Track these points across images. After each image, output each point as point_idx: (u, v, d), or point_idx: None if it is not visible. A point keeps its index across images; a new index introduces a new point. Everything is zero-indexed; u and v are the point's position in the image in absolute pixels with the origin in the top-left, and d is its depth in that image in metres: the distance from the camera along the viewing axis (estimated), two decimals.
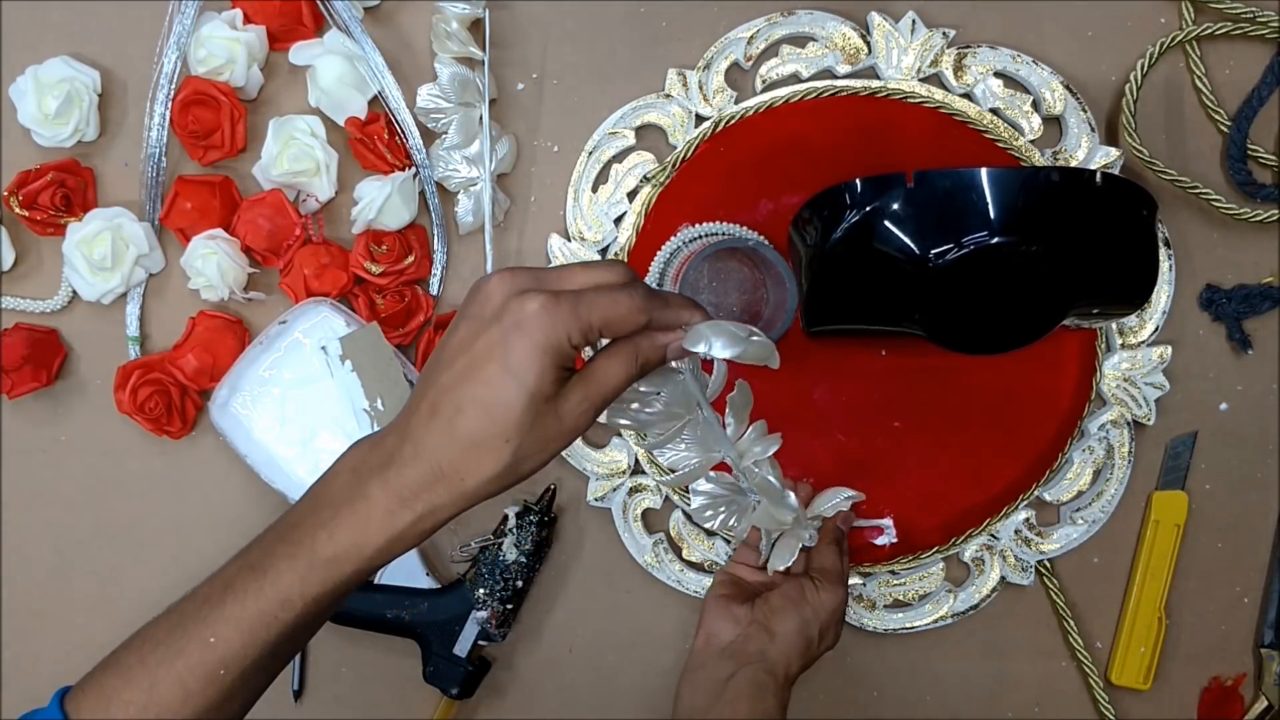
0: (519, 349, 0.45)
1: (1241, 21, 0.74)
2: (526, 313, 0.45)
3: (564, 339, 0.45)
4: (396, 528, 0.47)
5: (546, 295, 0.45)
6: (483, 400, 0.45)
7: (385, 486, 0.47)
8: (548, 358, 0.45)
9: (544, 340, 0.45)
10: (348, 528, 0.47)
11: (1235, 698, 0.80)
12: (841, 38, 0.73)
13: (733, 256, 0.72)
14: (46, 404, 0.74)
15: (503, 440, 0.46)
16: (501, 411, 0.45)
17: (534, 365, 0.45)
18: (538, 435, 0.46)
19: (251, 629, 0.47)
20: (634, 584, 0.77)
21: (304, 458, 0.71)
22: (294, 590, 0.47)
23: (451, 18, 0.69)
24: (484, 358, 0.45)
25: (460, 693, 0.73)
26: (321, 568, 0.47)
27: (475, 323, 0.46)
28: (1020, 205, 0.63)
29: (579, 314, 0.45)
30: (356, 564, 0.47)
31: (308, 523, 0.48)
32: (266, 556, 0.48)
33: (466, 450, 0.46)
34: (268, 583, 0.47)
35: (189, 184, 0.71)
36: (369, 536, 0.47)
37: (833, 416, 0.75)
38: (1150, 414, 0.76)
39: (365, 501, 0.47)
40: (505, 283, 0.46)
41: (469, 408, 0.46)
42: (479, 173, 0.72)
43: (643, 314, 0.47)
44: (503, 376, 0.45)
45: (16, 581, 0.75)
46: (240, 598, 0.48)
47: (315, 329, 0.70)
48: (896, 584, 0.77)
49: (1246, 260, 0.78)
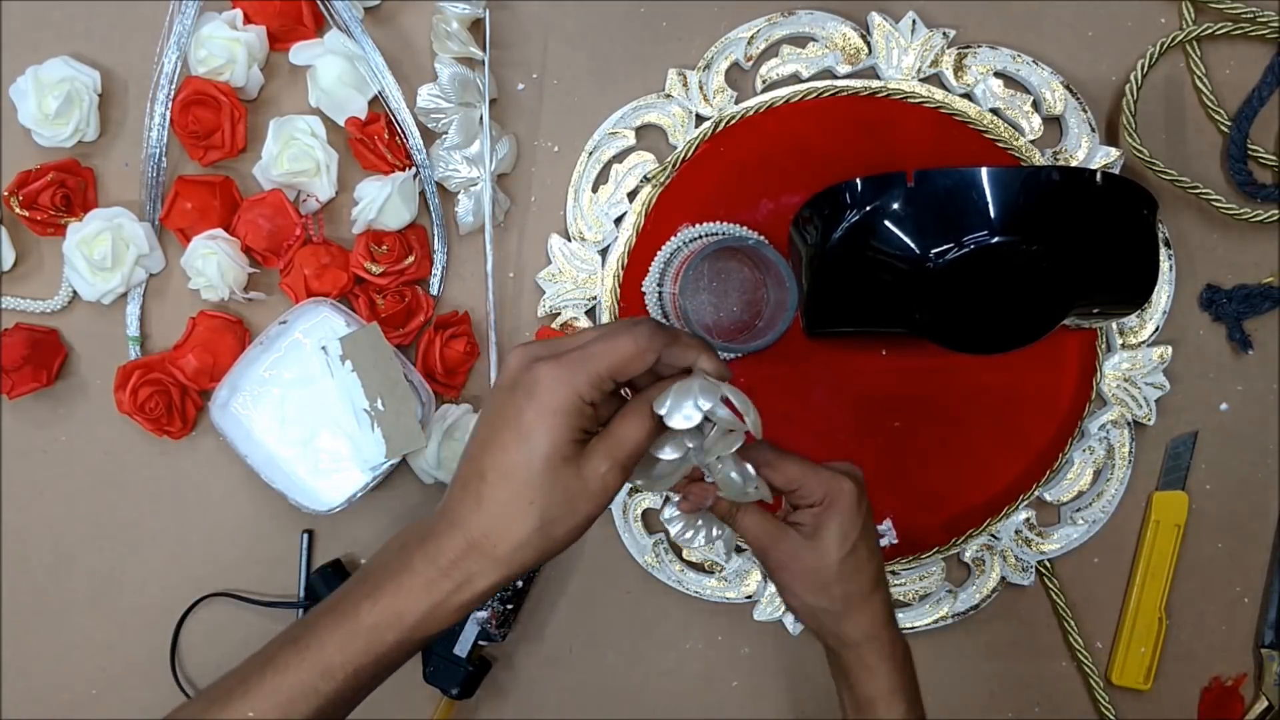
0: (530, 413, 0.47)
1: (1241, 21, 0.74)
2: (535, 378, 0.47)
3: (575, 397, 0.47)
4: (435, 597, 0.48)
5: (553, 359, 0.48)
6: (501, 466, 0.48)
7: (425, 558, 0.49)
8: (559, 418, 0.47)
9: (552, 402, 0.47)
10: (389, 596, 0.48)
11: (1235, 698, 0.80)
12: (841, 38, 0.73)
13: (733, 256, 0.72)
14: (46, 404, 0.74)
15: (526, 503, 0.47)
16: (520, 475, 0.47)
17: (545, 427, 0.47)
18: (561, 497, 0.48)
19: (291, 700, 0.48)
20: (634, 584, 0.77)
21: (304, 458, 0.71)
22: (335, 660, 0.48)
23: (452, 18, 0.69)
24: (501, 426, 0.48)
25: (460, 693, 0.73)
26: (363, 635, 0.48)
27: (497, 395, 0.49)
28: (1021, 205, 0.63)
29: (585, 368, 0.47)
30: (398, 633, 0.48)
31: (353, 595, 0.49)
32: (309, 630, 0.49)
33: (494, 517, 0.48)
34: (310, 654, 0.48)
35: (189, 184, 0.71)
36: (409, 604, 0.48)
37: (833, 416, 0.75)
38: (1150, 414, 0.76)
39: (408, 573, 0.49)
40: (521, 354, 0.49)
41: (491, 475, 0.48)
42: (479, 173, 0.72)
43: (649, 352, 0.49)
44: (516, 442, 0.47)
45: (16, 581, 0.75)
46: (281, 670, 0.49)
47: (315, 329, 0.70)
48: (896, 584, 0.77)
49: (1246, 260, 0.78)
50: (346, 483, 0.71)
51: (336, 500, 0.71)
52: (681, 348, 0.50)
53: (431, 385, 0.72)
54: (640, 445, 0.50)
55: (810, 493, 0.56)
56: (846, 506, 0.55)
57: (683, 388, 0.49)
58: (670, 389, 0.49)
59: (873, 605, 0.57)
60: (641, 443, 0.50)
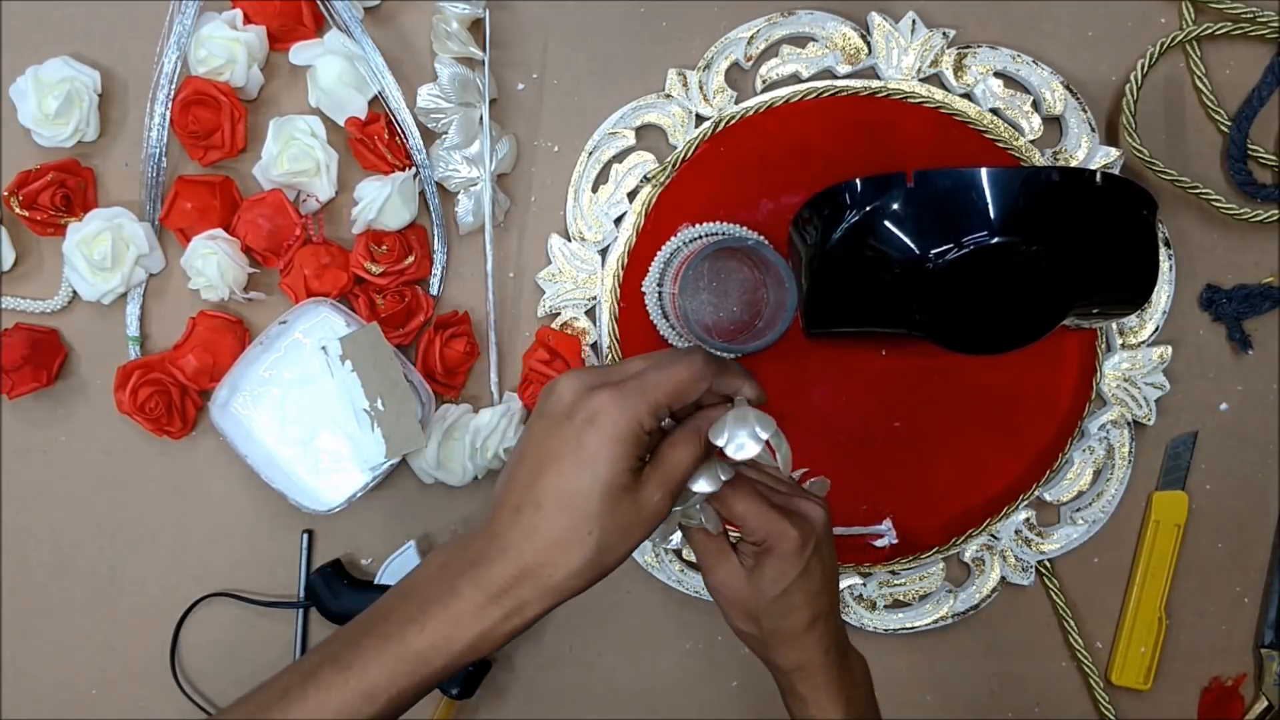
0: (592, 442, 0.47)
1: (1241, 21, 0.74)
2: (596, 407, 0.47)
3: (636, 425, 0.48)
4: (485, 624, 0.48)
5: (613, 388, 0.48)
6: (561, 494, 0.47)
7: (475, 584, 0.48)
8: (620, 447, 0.47)
9: (614, 431, 0.47)
10: (438, 622, 0.48)
11: (1235, 698, 0.80)
12: (841, 38, 0.73)
13: (733, 256, 0.72)
14: (46, 404, 0.74)
15: (586, 532, 0.47)
16: (580, 504, 0.47)
17: (607, 455, 0.47)
18: (618, 525, 0.48)
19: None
20: (634, 584, 0.77)
21: (304, 458, 0.71)
22: (380, 683, 0.48)
23: (452, 18, 0.69)
24: (559, 454, 0.48)
25: (460, 693, 0.73)
26: (410, 660, 0.48)
27: (549, 421, 0.49)
28: (1020, 205, 0.63)
29: (645, 397, 0.48)
30: (445, 659, 0.48)
31: (395, 617, 0.49)
32: (351, 650, 0.49)
33: (551, 545, 0.48)
34: (353, 676, 0.48)
35: (189, 184, 0.71)
36: (459, 631, 0.48)
37: (833, 416, 0.75)
38: (1150, 414, 0.76)
39: (456, 598, 0.48)
40: (575, 381, 0.49)
41: (548, 503, 0.48)
42: (479, 173, 0.72)
43: (704, 380, 0.50)
44: (578, 469, 0.47)
45: (16, 581, 0.75)
46: (324, 690, 0.48)
47: (315, 329, 0.70)
48: (896, 584, 0.77)
49: (1246, 260, 0.78)
50: (346, 483, 0.71)
51: (336, 500, 0.71)
52: (730, 376, 0.51)
53: (431, 385, 0.72)
54: (688, 472, 0.50)
55: (752, 532, 0.55)
56: (784, 552, 0.54)
57: (739, 417, 0.50)
58: (725, 419, 0.50)
59: (805, 642, 0.56)
60: (689, 470, 0.50)
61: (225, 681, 0.76)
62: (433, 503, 0.75)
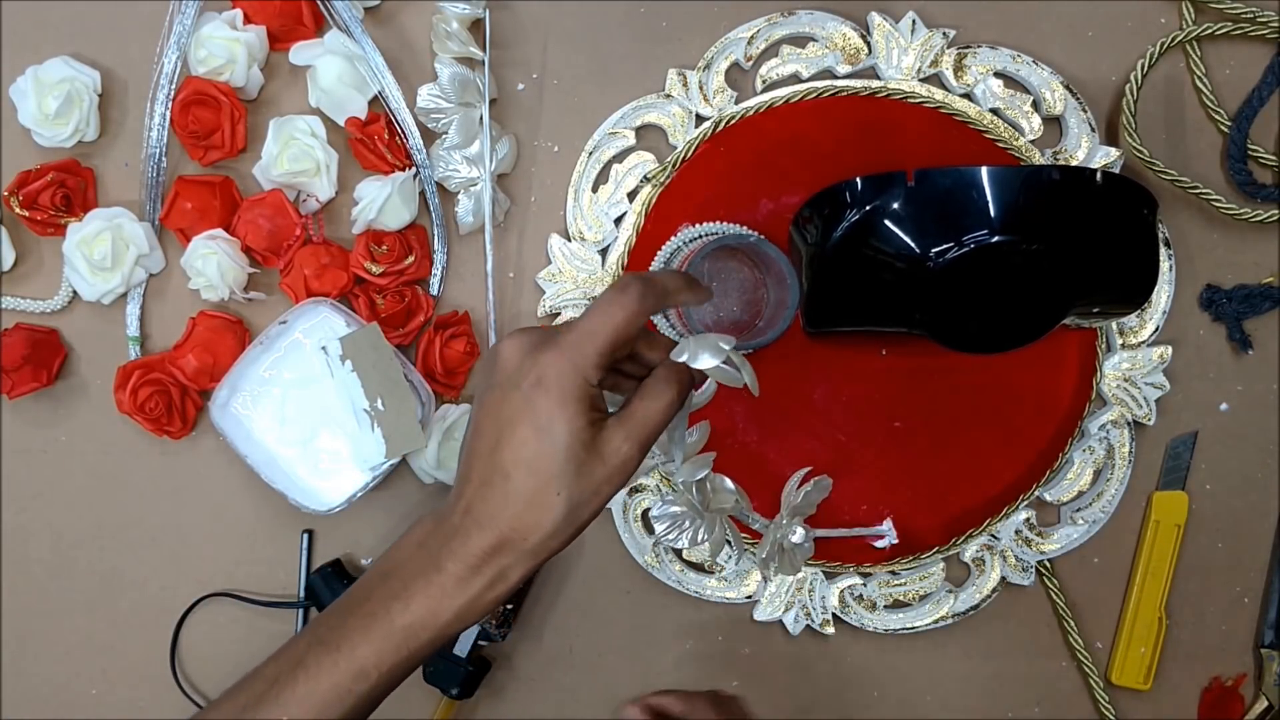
0: (543, 405, 0.47)
1: (1241, 21, 0.74)
2: (540, 369, 0.47)
3: (582, 382, 0.47)
4: (469, 594, 0.49)
5: (554, 346, 0.48)
6: (525, 461, 0.48)
7: (454, 557, 0.49)
8: (572, 406, 0.47)
9: (561, 391, 0.47)
10: (423, 597, 0.48)
11: (1235, 698, 0.80)
12: (841, 38, 0.73)
13: (733, 256, 0.72)
14: (46, 404, 0.74)
15: (554, 494, 0.48)
16: (545, 466, 0.47)
17: (561, 417, 0.47)
18: (585, 482, 0.48)
19: (325, 704, 0.48)
20: (634, 584, 0.77)
21: (304, 458, 0.71)
22: (369, 661, 0.48)
23: (452, 18, 0.70)
24: (515, 421, 0.48)
25: (460, 693, 0.73)
26: (398, 636, 0.48)
27: (498, 390, 0.49)
28: (1021, 204, 0.63)
29: (586, 349, 0.48)
30: (432, 632, 0.49)
31: (378, 595, 0.49)
32: (337, 632, 0.49)
33: (522, 511, 0.48)
34: (342, 657, 0.48)
35: (189, 184, 0.71)
36: (444, 604, 0.48)
37: (833, 416, 0.75)
38: (1150, 414, 0.76)
39: (438, 573, 0.49)
40: (516, 344, 0.49)
41: (514, 471, 0.48)
42: (479, 173, 0.72)
43: (640, 314, 0.49)
44: (536, 435, 0.47)
45: (16, 581, 0.75)
46: (314, 674, 0.48)
47: (315, 329, 0.70)
48: (896, 584, 0.77)
49: (1247, 260, 0.78)
50: (346, 483, 0.71)
51: (336, 500, 0.71)
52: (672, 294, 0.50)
53: (431, 385, 0.72)
54: (661, 424, 0.50)
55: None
56: None
57: (700, 338, 0.50)
58: (685, 341, 0.50)
59: None
60: (662, 420, 0.50)
61: (225, 682, 0.75)
62: (433, 503, 0.75)
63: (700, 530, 0.60)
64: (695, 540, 0.61)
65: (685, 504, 0.61)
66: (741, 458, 0.74)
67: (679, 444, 0.56)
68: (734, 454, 0.74)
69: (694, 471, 0.57)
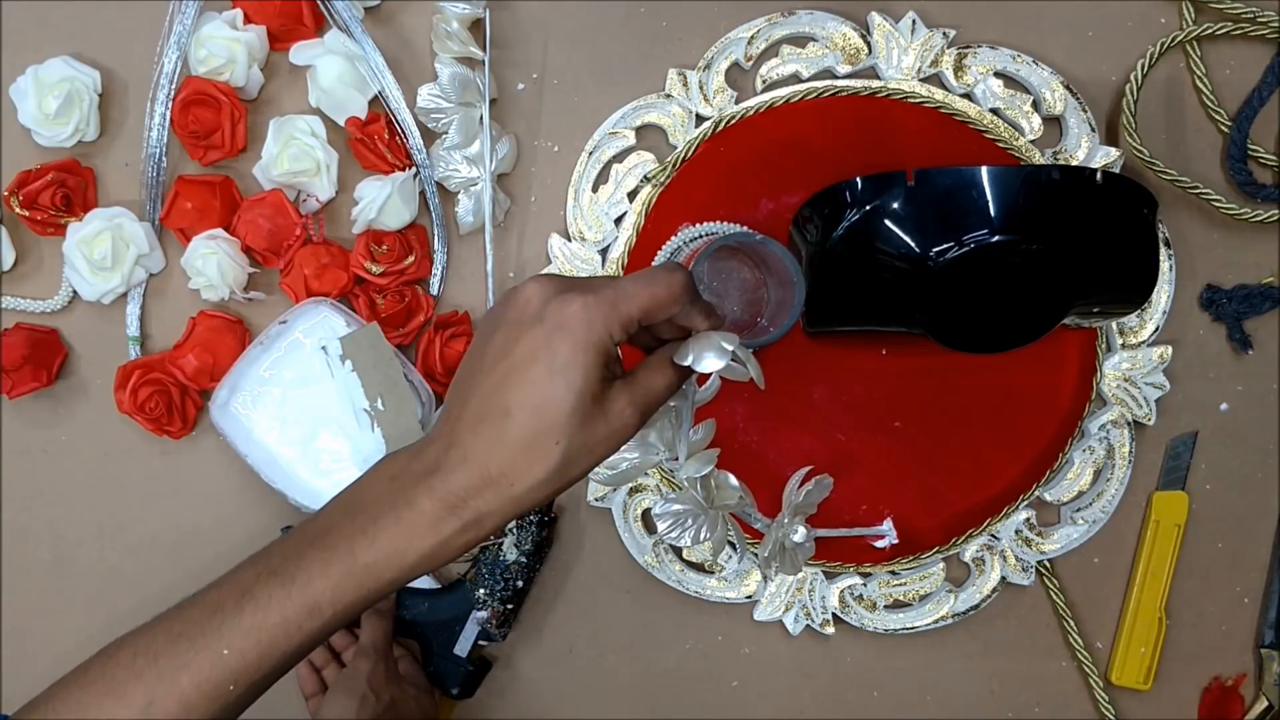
0: (564, 349, 0.44)
1: (1241, 21, 0.74)
2: (568, 313, 0.45)
3: (606, 336, 0.45)
4: (441, 536, 0.46)
5: (586, 293, 0.45)
6: (531, 402, 0.45)
7: (431, 493, 0.46)
8: (592, 356, 0.45)
9: (587, 339, 0.45)
10: (391, 534, 0.46)
11: (1235, 698, 0.80)
12: (842, 38, 0.73)
13: (733, 256, 0.72)
14: (46, 404, 0.74)
15: (552, 442, 0.45)
16: (551, 412, 0.45)
17: (580, 364, 0.44)
18: (585, 437, 0.46)
19: (273, 639, 0.46)
20: (634, 584, 0.77)
21: (304, 458, 0.71)
22: (325, 597, 0.46)
23: (452, 18, 0.70)
24: (528, 360, 0.45)
25: (460, 693, 0.73)
26: (359, 574, 0.46)
27: (515, 327, 0.46)
28: (1021, 203, 0.63)
29: (619, 308, 0.45)
30: (396, 571, 0.46)
31: (342, 529, 0.47)
32: (292, 562, 0.46)
33: (516, 453, 0.45)
34: (295, 589, 0.46)
35: (189, 184, 0.71)
36: (413, 543, 0.46)
37: (833, 416, 0.75)
38: (1150, 414, 0.76)
39: (410, 509, 0.46)
40: (544, 286, 0.46)
41: (517, 411, 0.45)
42: (479, 173, 0.72)
43: (679, 303, 0.47)
44: (550, 377, 0.44)
45: (16, 581, 0.75)
46: (263, 605, 0.46)
47: (315, 329, 0.70)
48: (897, 584, 0.77)
49: (1247, 260, 0.78)
50: (346, 483, 0.71)
51: None
52: (699, 313, 0.49)
53: (431, 385, 0.72)
54: (662, 397, 0.48)
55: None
56: None
57: (701, 339, 0.49)
58: (689, 342, 0.49)
59: None
60: (662, 394, 0.48)
61: None
62: None
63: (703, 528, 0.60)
64: (698, 538, 0.61)
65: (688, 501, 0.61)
66: (742, 457, 0.74)
67: (684, 440, 0.56)
68: (735, 453, 0.74)
69: (698, 467, 0.57)
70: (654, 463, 0.57)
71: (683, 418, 0.55)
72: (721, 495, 0.59)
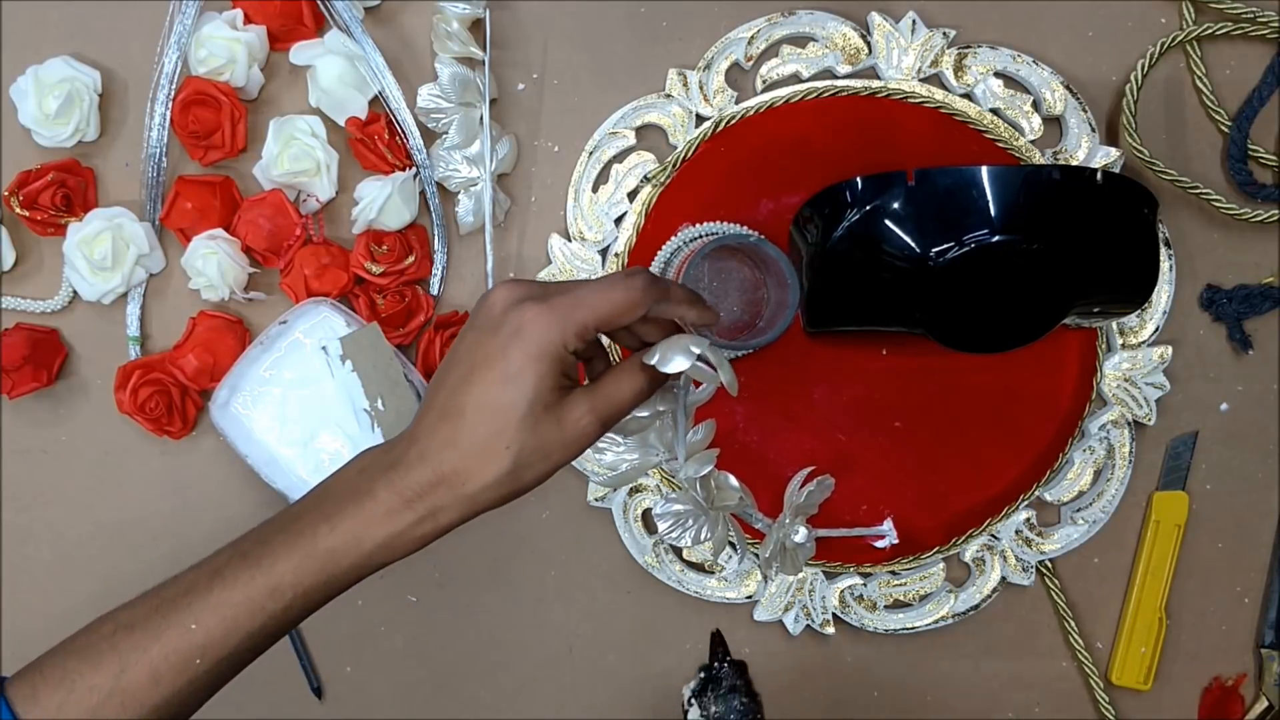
0: (516, 356, 0.47)
1: (1242, 21, 0.74)
2: (523, 321, 0.47)
3: (560, 345, 0.47)
4: (397, 526, 0.48)
5: (542, 303, 0.47)
6: (484, 406, 0.47)
7: (390, 486, 0.48)
8: (544, 364, 0.47)
9: (539, 348, 0.47)
10: (350, 522, 0.48)
11: (1236, 698, 0.80)
12: (842, 38, 0.73)
13: (733, 256, 0.72)
14: (47, 404, 0.74)
15: (503, 446, 0.47)
16: (502, 417, 0.47)
17: (531, 372, 0.47)
18: (538, 443, 0.48)
19: (236, 617, 0.48)
20: (634, 584, 0.77)
21: (304, 458, 0.71)
22: (287, 579, 0.48)
23: (452, 18, 0.70)
24: (485, 365, 0.48)
25: None
26: (319, 558, 0.48)
27: (479, 332, 0.49)
28: (1021, 203, 0.63)
29: (573, 316, 0.47)
30: (354, 558, 0.48)
31: (309, 516, 0.49)
32: (261, 545, 0.49)
33: (468, 454, 0.48)
34: (260, 571, 0.48)
35: (189, 184, 0.71)
36: (370, 531, 0.48)
37: (833, 416, 0.75)
38: (1151, 414, 0.76)
39: (370, 499, 0.48)
40: (508, 293, 0.49)
41: (471, 413, 0.48)
42: (479, 173, 0.72)
43: (640, 307, 0.49)
44: (502, 384, 0.47)
45: (16, 581, 0.75)
46: (229, 585, 0.48)
47: (315, 329, 0.70)
48: (897, 584, 0.77)
49: (1247, 260, 0.78)
50: None
51: None
52: (673, 303, 0.50)
53: None
54: (626, 405, 0.50)
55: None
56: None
57: (670, 340, 0.50)
58: (659, 344, 0.50)
59: None
60: (628, 403, 0.50)
61: None
62: None
63: (703, 528, 0.60)
64: (698, 538, 0.61)
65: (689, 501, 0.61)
66: (742, 458, 0.74)
67: (681, 441, 0.56)
68: (735, 454, 0.74)
69: (697, 468, 0.57)
70: (653, 463, 0.57)
71: (679, 419, 0.55)
72: (722, 496, 0.59)
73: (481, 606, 0.76)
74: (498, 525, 0.76)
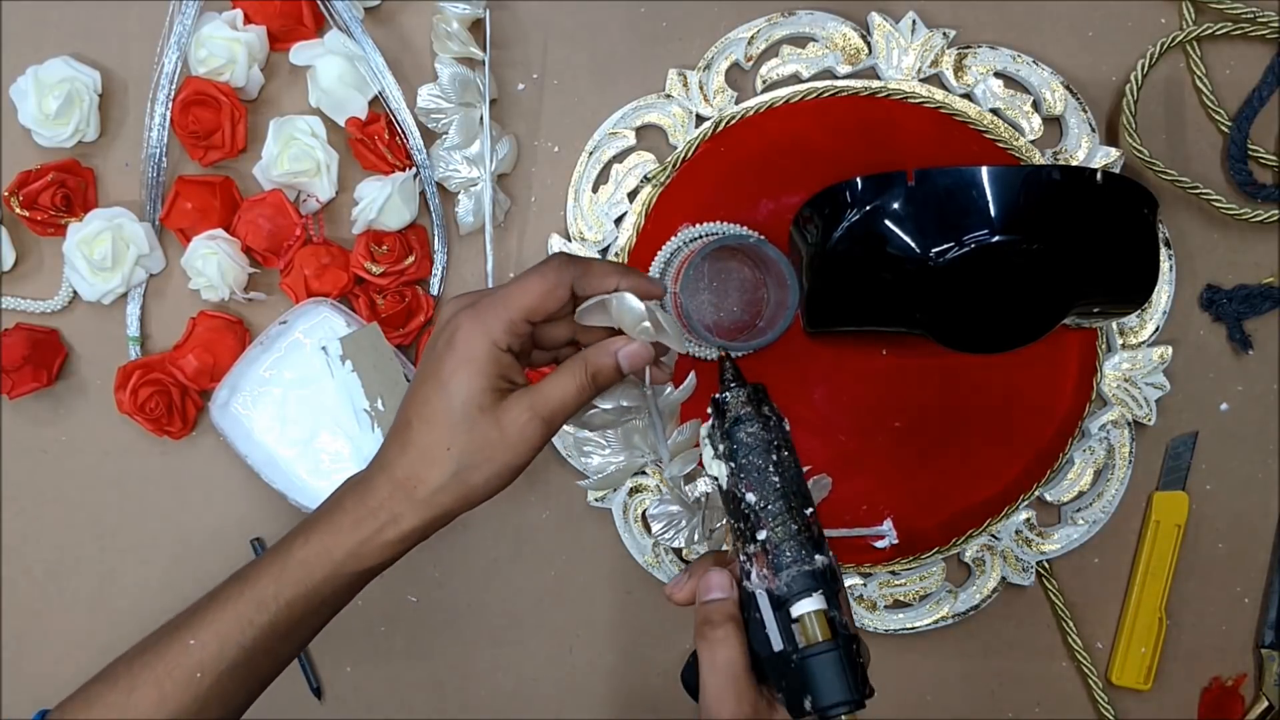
0: (449, 363, 0.49)
1: (1241, 21, 0.74)
2: (455, 329, 0.50)
3: (489, 346, 0.49)
4: (361, 534, 0.51)
5: (471, 309, 0.50)
6: (424, 414, 0.50)
7: (356, 499, 0.52)
8: (474, 367, 0.49)
9: (468, 352, 0.49)
10: (320, 534, 0.51)
11: (1235, 698, 0.80)
12: (842, 38, 0.73)
13: (733, 256, 0.72)
14: (47, 404, 0.74)
15: (444, 448, 0.50)
16: (439, 422, 0.49)
17: (463, 376, 0.49)
18: (478, 444, 0.50)
19: (228, 631, 0.51)
20: (634, 584, 0.77)
21: (304, 458, 0.71)
22: (268, 592, 0.51)
23: (452, 18, 0.70)
24: (425, 377, 0.51)
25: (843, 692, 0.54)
26: (295, 569, 0.51)
27: (429, 348, 0.52)
28: (1021, 203, 0.63)
29: (498, 315, 0.49)
30: (327, 568, 0.51)
31: (291, 536, 0.53)
32: (252, 567, 0.53)
33: (415, 460, 0.50)
34: (247, 588, 0.52)
35: (189, 184, 0.71)
36: (338, 540, 0.51)
37: (833, 416, 0.75)
38: (1151, 414, 0.76)
39: (338, 511, 0.52)
40: (451, 306, 0.51)
41: (416, 422, 0.50)
42: (479, 173, 0.72)
43: (559, 287, 0.50)
44: (438, 391, 0.50)
45: (16, 581, 0.75)
46: (223, 604, 0.52)
47: (315, 329, 0.70)
48: (897, 584, 0.77)
49: (1247, 260, 0.78)
50: None
51: None
52: (596, 275, 0.51)
53: None
54: (569, 402, 0.51)
55: None
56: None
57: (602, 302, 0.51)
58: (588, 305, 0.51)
59: None
60: (568, 401, 0.51)
61: None
62: None
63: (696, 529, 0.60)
64: (691, 539, 0.61)
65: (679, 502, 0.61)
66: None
67: (661, 440, 0.56)
68: None
69: (681, 467, 0.57)
70: (639, 464, 0.57)
71: (655, 419, 0.56)
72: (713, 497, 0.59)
73: (481, 606, 0.76)
74: (498, 525, 0.76)
